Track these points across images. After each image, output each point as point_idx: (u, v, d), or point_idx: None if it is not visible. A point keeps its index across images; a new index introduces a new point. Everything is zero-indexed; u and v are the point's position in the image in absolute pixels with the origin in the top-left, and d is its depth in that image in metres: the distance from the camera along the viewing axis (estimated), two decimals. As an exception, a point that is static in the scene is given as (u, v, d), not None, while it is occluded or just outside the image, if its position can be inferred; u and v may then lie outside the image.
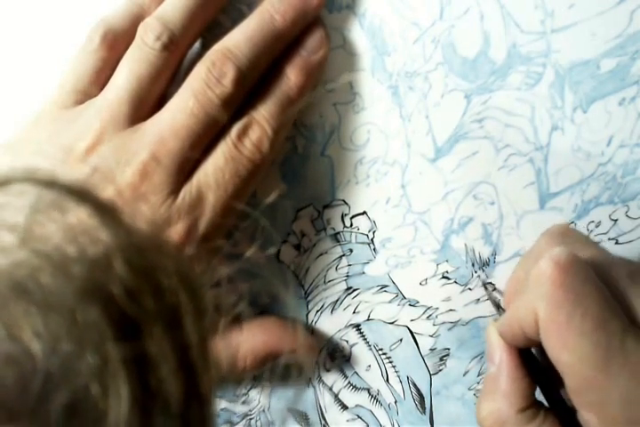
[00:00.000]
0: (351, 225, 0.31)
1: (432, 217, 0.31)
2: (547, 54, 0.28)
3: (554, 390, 0.26)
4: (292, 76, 0.27)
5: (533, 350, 0.27)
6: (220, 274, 0.17)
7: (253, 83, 0.27)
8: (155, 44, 0.26)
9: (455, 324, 0.33)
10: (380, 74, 0.29)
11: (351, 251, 0.32)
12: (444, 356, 0.33)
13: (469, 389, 0.34)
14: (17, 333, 0.12)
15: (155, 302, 0.14)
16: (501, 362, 0.26)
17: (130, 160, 0.25)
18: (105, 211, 0.15)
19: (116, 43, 0.27)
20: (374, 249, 0.32)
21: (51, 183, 0.14)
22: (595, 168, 0.30)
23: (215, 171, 0.26)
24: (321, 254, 0.32)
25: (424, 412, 0.34)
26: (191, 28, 0.26)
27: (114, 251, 0.14)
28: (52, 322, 0.12)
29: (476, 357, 0.33)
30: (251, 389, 0.34)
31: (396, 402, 0.34)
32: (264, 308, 0.32)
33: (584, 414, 0.23)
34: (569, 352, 0.22)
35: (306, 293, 0.32)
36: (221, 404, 0.34)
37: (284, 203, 0.31)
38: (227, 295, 0.17)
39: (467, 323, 0.33)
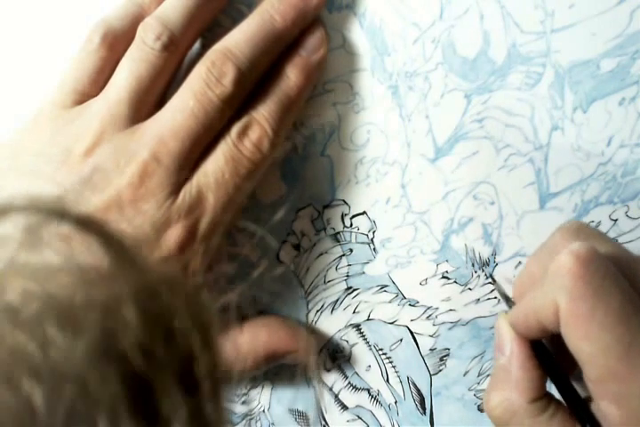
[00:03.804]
0: (351, 225, 0.31)
1: (432, 217, 0.31)
2: (547, 54, 0.28)
3: (566, 382, 0.25)
4: (291, 76, 0.27)
5: (544, 341, 0.27)
6: (228, 299, 0.16)
7: (253, 83, 0.27)
8: (155, 44, 0.26)
9: (455, 324, 0.33)
10: (380, 74, 0.29)
11: (351, 251, 0.32)
12: (444, 356, 0.33)
13: (469, 389, 0.34)
14: (20, 391, 0.11)
15: (167, 351, 0.13)
16: (512, 353, 0.26)
17: (130, 160, 0.25)
18: (114, 245, 0.13)
19: (116, 43, 0.27)
20: (374, 249, 0.32)
21: (55, 213, 0.13)
22: (595, 168, 0.30)
23: (215, 171, 0.26)
24: (321, 254, 0.32)
25: (424, 412, 0.34)
26: (191, 28, 0.26)
27: (124, 295, 0.13)
28: (59, 388, 0.11)
29: (476, 357, 0.33)
30: (251, 389, 0.34)
31: (396, 402, 0.34)
32: (264, 307, 0.32)
33: (603, 406, 0.22)
34: (591, 343, 0.22)
35: (306, 293, 0.32)
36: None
37: (285, 203, 0.31)
38: (233, 310, 0.16)
39: (467, 323, 0.33)
